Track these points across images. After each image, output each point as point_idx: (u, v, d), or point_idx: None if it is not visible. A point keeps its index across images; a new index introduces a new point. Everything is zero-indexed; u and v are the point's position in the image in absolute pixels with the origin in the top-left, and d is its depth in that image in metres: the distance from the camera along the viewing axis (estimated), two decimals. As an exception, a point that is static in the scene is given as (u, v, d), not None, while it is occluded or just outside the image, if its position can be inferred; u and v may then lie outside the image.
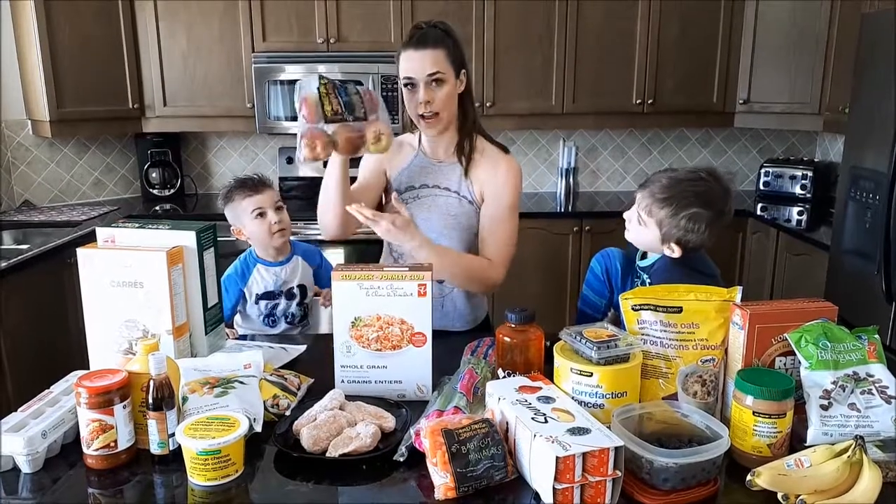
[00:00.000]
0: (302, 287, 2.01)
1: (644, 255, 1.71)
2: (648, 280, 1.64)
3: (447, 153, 1.82)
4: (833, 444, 1.08)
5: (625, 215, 1.68)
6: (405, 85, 1.70)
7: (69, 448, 1.20)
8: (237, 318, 2.03)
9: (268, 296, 1.97)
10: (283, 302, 1.99)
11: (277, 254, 1.99)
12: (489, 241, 1.79)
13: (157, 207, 3.68)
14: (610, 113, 3.66)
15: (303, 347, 1.66)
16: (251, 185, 1.96)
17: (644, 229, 1.61)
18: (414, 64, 1.66)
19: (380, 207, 1.87)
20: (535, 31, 3.50)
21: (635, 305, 1.27)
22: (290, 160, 3.86)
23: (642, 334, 1.26)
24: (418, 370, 1.38)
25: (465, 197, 1.79)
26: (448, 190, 1.80)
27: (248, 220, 1.93)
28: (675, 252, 1.58)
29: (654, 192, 1.59)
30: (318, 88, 1.51)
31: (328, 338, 1.48)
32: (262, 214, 1.92)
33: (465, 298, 1.87)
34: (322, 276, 2.06)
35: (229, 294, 1.94)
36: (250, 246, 2.01)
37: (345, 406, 1.28)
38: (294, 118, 3.48)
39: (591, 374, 1.17)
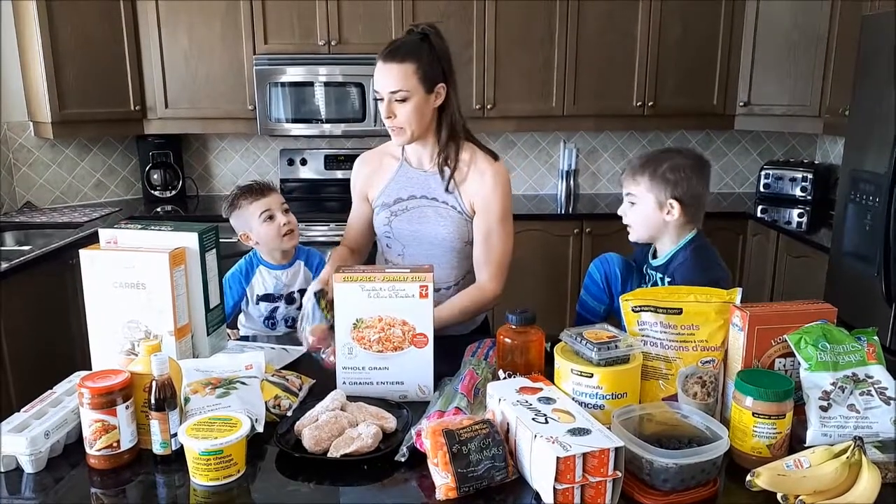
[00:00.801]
0: (303, 292, 2.01)
1: (655, 255, 1.71)
2: (668, 279, 1.63)
3: (432, 163, 1.79)
4: (832, 445, 1.09)
5: (619, 211, 1.72)
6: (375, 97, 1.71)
7: (72, 448, 1.21)
8: (241, 317, 2.03)
9: (268, 298, 1.98)
10: (282, 306, 1.99)
11: (283, 257, 1.99)
12: (483, 254, 1.77)
13: (159, 209, 3.68)
14: (610, 115, 3.66)
15: (304, 348, 1.66)
16: (257, 189, 1.96)
17: (639, 207, 1.66)
18: (379, 77, 1.67)
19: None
20: (536, 33, 3.51)
21: (635, 307, 1.27)
22: (290, 162, 3.87)
23: (642, 335, 1.27)
24: (420, 371, 1.39)
25: (454, 207, 1.77)
26: (436, 200, 1.78)
27: (256, 224, 1.93)
28: (676, 211, 1.61)
29: (633, 168, 1.69)
30: (325, 319, 1.56)
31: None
32: (271, 217, 1.92)
33: None
34: None
35: (232, 291, 1.95)
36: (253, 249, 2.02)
37: (346, 406, 1.28)
38: (296, 120, 3.50)
39: (592, 375, 1.17)
